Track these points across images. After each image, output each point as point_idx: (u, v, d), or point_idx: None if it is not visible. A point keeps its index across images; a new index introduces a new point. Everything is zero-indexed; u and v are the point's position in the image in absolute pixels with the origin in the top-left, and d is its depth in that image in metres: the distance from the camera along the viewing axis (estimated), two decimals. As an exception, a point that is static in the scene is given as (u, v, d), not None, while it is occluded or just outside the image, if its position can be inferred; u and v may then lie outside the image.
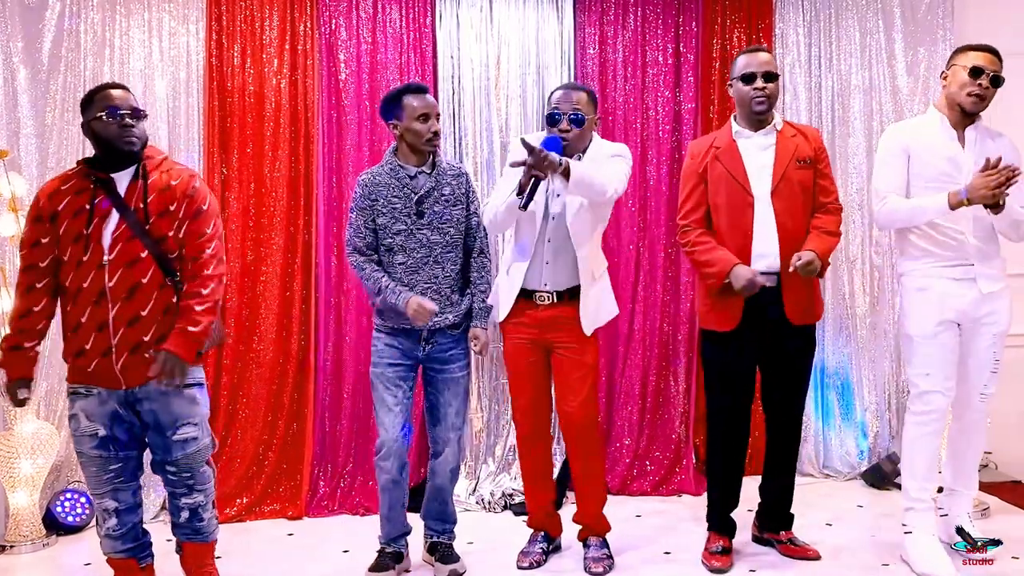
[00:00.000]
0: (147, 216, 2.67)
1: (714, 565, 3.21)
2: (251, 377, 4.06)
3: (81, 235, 2.63)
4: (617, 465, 4.23)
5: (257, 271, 4.08)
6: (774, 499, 3.38)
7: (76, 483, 3.82)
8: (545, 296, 3.15)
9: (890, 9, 4.50)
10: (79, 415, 2.70)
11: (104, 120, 2.66)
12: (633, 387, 4.34)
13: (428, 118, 3.06)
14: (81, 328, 2.64)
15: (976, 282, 3.12)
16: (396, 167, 3.10)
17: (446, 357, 3.16)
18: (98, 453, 2.70)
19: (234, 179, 4.06)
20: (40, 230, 2.68)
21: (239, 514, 3.89)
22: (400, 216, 3.07)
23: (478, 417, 4.25)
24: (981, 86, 3.08)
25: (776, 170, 3.12)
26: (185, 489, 2.80)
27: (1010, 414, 4.34)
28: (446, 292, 3.12)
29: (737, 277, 3.03)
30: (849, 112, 4.49)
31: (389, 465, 3.09)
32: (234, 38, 4.07)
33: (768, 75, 3.13)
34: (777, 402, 3.29)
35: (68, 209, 2.66)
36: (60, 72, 3.92)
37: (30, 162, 3.88)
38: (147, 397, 2.68)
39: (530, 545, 3.34)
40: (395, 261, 3.09)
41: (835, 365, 4.48)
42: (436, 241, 3.10)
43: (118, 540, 2.77)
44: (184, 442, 2.73)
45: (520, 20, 4.29)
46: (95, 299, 2.62)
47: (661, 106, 4.38)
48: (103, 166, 2.71)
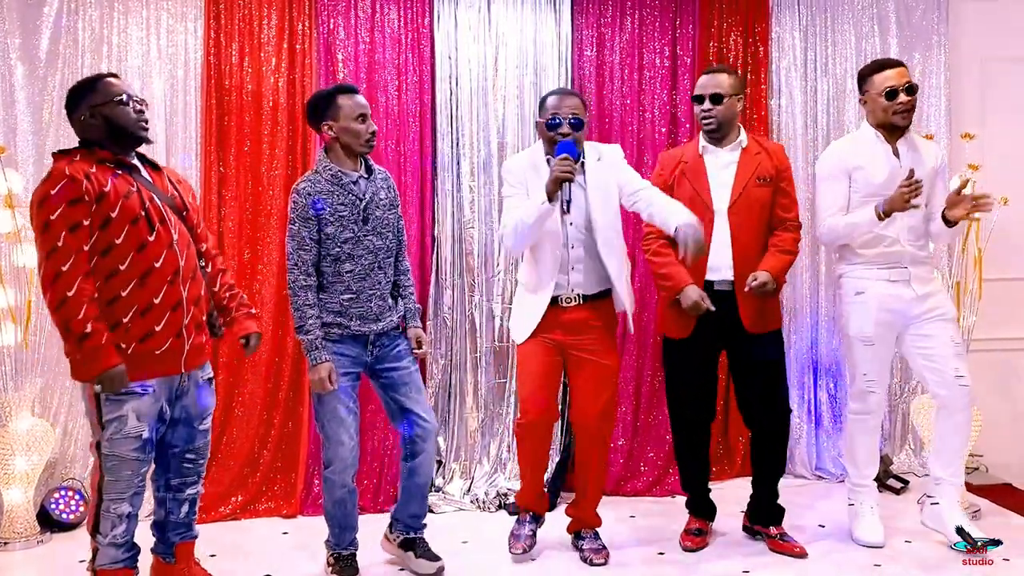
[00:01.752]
0: (184, 204, 2.76)
1: (686, 544, 3.43)
2: (247, 375, 4.06)
3: (139, 216, 2.57)
4: (611, 466, 4.22)
5: (254, 269, 4.08)
6: (763, 496, 3.46)
7: (70, 480, 3.82)
8: (572, 299, 3.20)
9: (885, 14, 4.53)
10: (128, 416, 2.58)
11: (119, 105, 2.62)
12: (628, 388, 4.35)
13: (366, 118, 3.04)
14: (154, 309, 2.59)
15: (910, 283, 3.32)
16: (337, 173, 3.02)
17: (396, 354, 3.15)
18: (136, 456, 2.62)
19: (231, 177, 4.06)
20: (81, 211, 2.49)
21: (234, 512, 3.89)
22: (348, 224, 3.02)
23: (473, 417, 4.26)
24: (902, 103, 3.29)
25: (735, 187, 3.29)
26: (195, 478, 2.87)
27: (1000, 417, 4.39)
28: (386, 296, 3.14)
29: (686, 297, 3.22)
30: (844, 116, 4.51)
31: (344, 478, 3.06)
32: (232, 37, 4.07)
33: (715, 97, 3.28)
34: (756, 405, 3.36)
35: (115, 190, 2.55)
36: (58, 69, 3.92)
37: (27, 159, 3.88)
38: (185, 392, 2.74)
39: (520, 527, 3.38)
40: (343, 270, 3.03)
41: (827, 367, 4.50)
42: (380, 246, 3.09)
43: (121, 548, 2.68)
44: (206, 432, 2.86)
45: (518, 21, 4.30)
46: (170, 278, 2.62)
47: (657, 108, 4.40)
48: (113, 153, 2.63)
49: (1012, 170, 4.20)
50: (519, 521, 3.41)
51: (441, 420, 4.24)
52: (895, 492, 4.13)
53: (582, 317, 3.21)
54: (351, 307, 3.05)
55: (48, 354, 3.76)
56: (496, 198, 4.26)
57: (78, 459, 3.92)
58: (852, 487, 3.54)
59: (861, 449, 3.48)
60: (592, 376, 3.23)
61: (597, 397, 3.22)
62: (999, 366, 4.44)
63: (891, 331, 3.37)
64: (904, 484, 4.18)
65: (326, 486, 3.10)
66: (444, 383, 4.27)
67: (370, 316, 3.07)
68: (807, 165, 4.46)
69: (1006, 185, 3.80)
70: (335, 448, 3.04)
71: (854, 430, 3.49)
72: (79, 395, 3.85)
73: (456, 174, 4.24)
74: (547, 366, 3.22)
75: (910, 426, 4.47)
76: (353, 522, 3.17)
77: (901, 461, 4.49)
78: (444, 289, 4.25)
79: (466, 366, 4.27)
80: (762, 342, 3.32)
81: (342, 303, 3.04)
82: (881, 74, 3.31)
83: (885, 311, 3.33)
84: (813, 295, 4.50)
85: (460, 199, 4.24)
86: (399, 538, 3.29)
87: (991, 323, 4.20)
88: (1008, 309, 3.70)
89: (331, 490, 3.09)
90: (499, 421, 4.25)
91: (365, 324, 3.06)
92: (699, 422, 3.45)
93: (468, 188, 4.22)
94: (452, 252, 4.25)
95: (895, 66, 3.32)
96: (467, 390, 4.25)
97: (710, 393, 3.44)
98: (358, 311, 3.05)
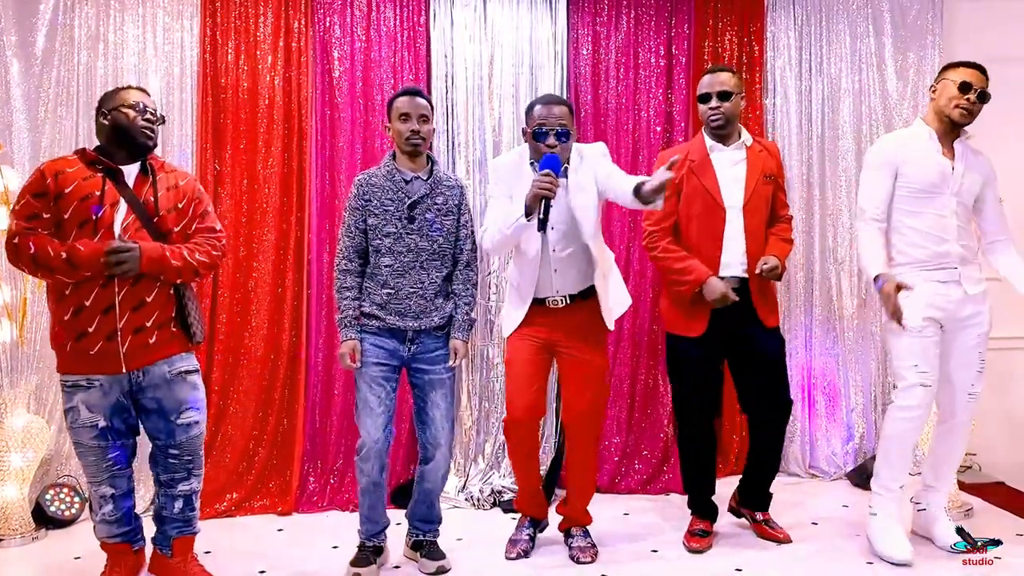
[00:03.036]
0: (156, 209, 2.80)
1: (692, 546, 3.39)
2: (242, 373, 4.07)
3: (89, 220, 2.68)
4: (605, 463, 4.26)
5: (249, 267, 4.08)
6: (757, 482, 3.50)
7: (66, 477, 3.82)
8: (558, 300, 3.20)
9: (880, 14, 4.55)
10: (79, 407, 2.75)
11: (127, 111, 2.78)
12: (622, 386, 4.37)
13: (408, 118, 3.09)
14: (85, 311, 2.69)
15: (960, 283, 3.25)
16: (393, 170, 3.14)
17: (432, 358, 3.17)
18: (97, 443, 2.79)
19: (227, 175, 4.07)
20: (42, 205, 2.68)
21: (229, 509, 3.90)
22: (391, 218, 3.10)
23: (468, 416, 4.27)
24: (969, 100, 3.23)
25: (748, 184, 3.31)
26: (185, 474, 2.90)
27: (994, 416, 4.41)
28: (430, 296, 3.14)
29: (711, 290, 3.22)
30: (839, 116, 4.53)
31: (370, 467, 3.09)
32: (228, 34, 4.07)
33: (722, 94, 3.29)
34: (762, 394, 3.37)
35: (75, 193, 2.69)
36: (53, 66, 3.92)
37: (22, 156, 3.88)
38: (151, 385, 2.79)
39: (518, 532, 3.39)
40: (382, 263, 3.11)
41: (822, 365, 4.52)
42: (424, 248, 3.12)
43: (113, 524, 2.87)
44: (187, 426, 2.87)
45: (514, 20, 4.31)
46: (102, 282, 2.69)
47: (653, 107, 4.41)
48: (110, 157, 2.79)
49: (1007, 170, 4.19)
50: (518, 527, 3.41)
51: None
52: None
53: (569, 316, 3.21)
54: (390, 302, 3.11)
55: (44, 351, 3.76)
56: (491, 197, 4.27)
57: (73, 456, 3.91)
58: (878, 491, 3.33)
59: (898, 449, 3.27)
60: (578, 374, 3.22)
61: (582, 395, 3.22)
62: (993, 365, 4.41)
63: (938, 328, 3.25)
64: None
65: (357, 473, 3.15)
66: (439, 381, 4.28)
67: (408, 313, 3.11)
68: (802, 164, 4.48)
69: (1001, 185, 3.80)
70: (362, 436, 3.10)
71: (896, 429, 3.26)
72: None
73: (453, 172, 4.25)
74: (533, 364, 3.22)
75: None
76: (377, 516, 3.19)
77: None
78: (439, 287, 4.25)
79: (461, 365, 4.27)
80: (767, 336, 3.34)
81: (383, 296, 3.11)
82: (965, 69, 3.26)
83: (933, 308, 3.22)
84: (808, 295, 4.51)
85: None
86: (411, 539, 3.34)
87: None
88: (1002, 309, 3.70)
89: (359, 478, 3.14)
90: (493, 419, 4.25)
91: (403, 320, 3.11)
92: (709, 422, 3.44)
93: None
94: (447, 250, 4.25)
95: (981, 71, 3.28)
96: (461, 388, 4.26)
97: (717, 391, 3.46)
98: (396, 307, 3.11)
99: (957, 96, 3.22)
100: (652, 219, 3.38)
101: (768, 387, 3.36)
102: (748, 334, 3.31)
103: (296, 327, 4.11)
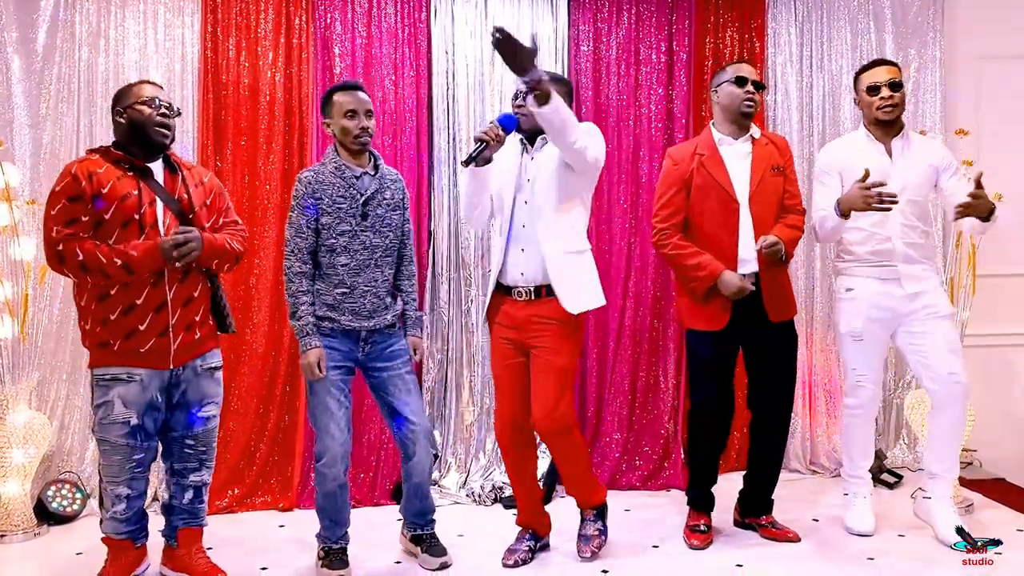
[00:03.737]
0: (192, 206, 2.84)
1: (693, 543, 3.37)
2: (243, 369, 4.07)
3: (132, 219, 2.70)
4: (606, 460, 4.27)
5: (250, 263, 4.08)
6: (759, 488, 3.48)
7: (67, 473, 3.82)
8: (522, 291, 3.11)
9: (881, 10, 4.55)
10: (114, 401, 2.74)
11: (142, 108, 2.77)
12: (623, 382, 4.37)
13: (355, 115, 3.04)
14: (136, 309, 2.71)
15: (900, 282, 3.35)
16: (341, 166, 3.07)
17: (388, 354, 3.15)
18: (126, 442, 2.78)
19: (228, 171, 4.07)
20: (79, 208, 2.68)
21: (230, 505, 3.90)
22: (345, 217, 3.05)
23: (469, 411, 4.27)
24: (883, 98, 3.37)
25: (753, 177, 3.29)
26: (197, 464, 2.96)
27: (994, 412, 4.41)
28: (382, 295, 3.14)
29: (727, 283, 3.21)
30: (840, 112, 4.53)
31: (335, 471, 3.05)
32: (229, 31, 4.07)
33: (756, 84, 3.34)
34: (766, 394, 3.37)
35: (112, 193, 2.70)
36: (55, 63, 3.92)
37: (24, 153, 3.88)
38: (185, 379, 2.85)
39: (517, 543, 3.33)
40: (337, 263, 3.06)
41: (822, 362, 4.52)
42: (377, 244, 3.11)
43: (122, 523, 2.89)
44: (207, 419, 2.94)
45: (515, 16, 4.31)
46: (153, 280, 2.73)
47: (654, 104, 4.41)
48: (133, 156, 2.79)
49: (1006, 166, 4.21)
50: (518, 538, 3.34)
51: (437, 414, 4.26)
52: (889, 487, 4.15)
53: (533, 313, 3.09)
54: (344, 301, 3.06)
55: (45, 347, 3.77)
56: (492, 193, 4.27)
57: (75, 452, 3.93)
58: (847, 478, 3.61)
59: (855, 442, 3.55)
60: (539, 373, 3.08)
61: (543, 399, 3.04)
62: (993, 361, 4.46)
63: (883, 328, 3.41)
64: (898, 479, 4.20)
65: (317, 479, 3.10)
66: (440, 377, 4.29)
67: (363, 312, 3.09)
68: (803, 160, 4.47)
69: (1000, 181, 3.81)
70: (325, 441, 3.04)
71: (848, 423, 3.55)
72: (76, 388, 3.90)
73: (452, 169, 4.25)
74: (511, 371, 3.16)
75: (904, 421, 4.50)
76: (343, 516, 3.18)
77: (895, 456, 4.51)
78: (440, 284, 4.26)
79: (462, 360, 4.28)
80: (775, 333, 3.33)
81: (336, 297, 3.06)
82: (867, 72, 3.44)
83: (875, 308, 3.38)
84: (808, 291, 4.52)
85: (456, 194, 4.24)
86: (409, 534, 3.34)
87: (985, 319, 4.22)
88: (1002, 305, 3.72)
89: (322, 483, 3.09)
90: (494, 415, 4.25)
91: (357, 320, 3.07)
92: (725, 417, 3.43)
93: (464, 183, 4.22)
94: (448, 247, 4.26)
95: (881, 64, 3.44)
96: (463, 384, 4.27)
97: (732, 387, 3.42)
98: (351, 306, 3.07)
99: (871, 100, 3.39)
100: (661, 216, 3.34)
101: (772, 386, 3.35)
102: (759, 330, 3.30)
103: (297, 323, 4.11)
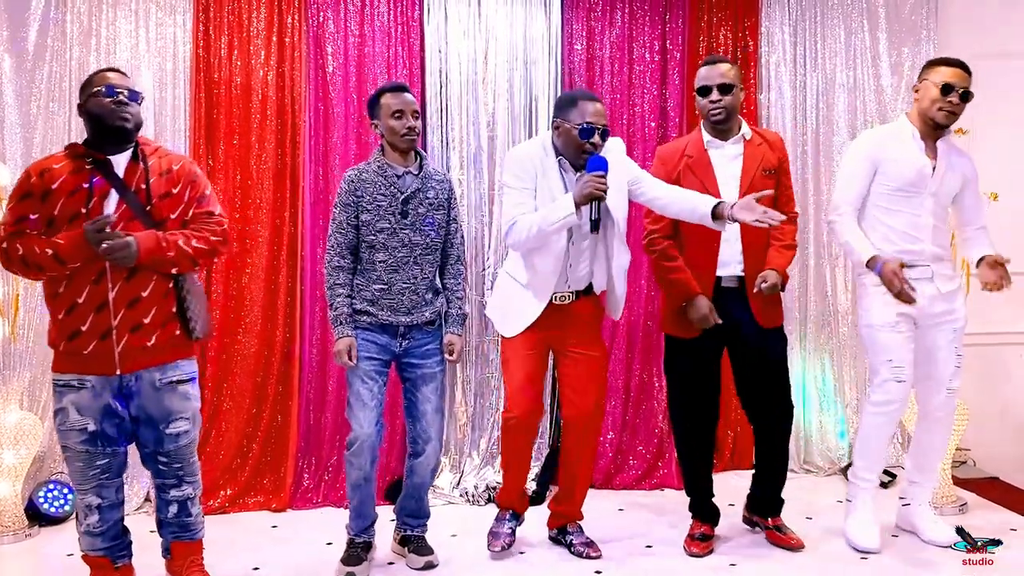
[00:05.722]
0: (148, 197, 2.68)
1: (692, 551, 3.34)
2: (236, 369, 4.06)
3: (79, 214, 2.59)
4: (600, 459, 4.25)
5: (242, 263, 4.07)
6: (766, 487, 3.43)
7: (59, 474, 3.81)
8: (566, 296, 3.18)
9: (875, 9, 4.54)
10: (68, 408, 2.63)
11: (99, 97, 2.66)
12: (617, 382, 4.36)
13: (402, 115, 3.08)
14: (77, 308, 2.59)
15: (933, 281, 3.25)
16: (383, 165, 3.13)
17: (423, 352, 3.18)
18: (85, 448, 2.65)
19: (220, 171, 4.05)
20: (29, 206, 2.61)
21: (223, 506, 3.89)
22: (384, 214, 3.09)
23: (463, 411, 4.26)
24: (951, 102, 3.18)
25: (743, 180, 3.23)
26: (175, 480, 2.80)
27: (988, 411, 4.41)
28: (422, 292, 3.15)
29: (696, 309, 3.19)
30: (833, 111, 4.53)
31: (362, 461, 3.08)
32: (221, 29, 4.06)
33: (723, 87, 3.20)
34: (762, 401, 3.33)
35: (63, 188, 2.61)
36: (46, 62, 3.90)
37: (14, 152, 3.86)
38: (139, 392, 2.67)
39: (499, 525, 3.35)
40: (376, 259, 3.10)
41: (817, 361, 4.52)
42: (417, 242, 3.13)
43: (97, 538, 2.74)
44: (176, 435, 2.74)
45: (508, 15, 4.30)
46: (94, 278, 2.59)
47: (647, 103, 4.41)
48: (98, 148, 2.67)
49: (1001, 166, 4.21)
50: (498, 519, 3.38)
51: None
52: (882, 486, 4.14)
53: (570, 311, 3.19)
54: (382, 297, 3.10)
55: (36, 347, 3.75)
56: (486, 192, 4.26)
57: (67, 453, 3.91)
58: (853, 482, 3.43)
59: (875, 442, 3.34)
60: (583, 369, 3.21)
61: (588, 390, 3.20)
62: (987, 360, 4.46)
63: (911, 324, 3.27)
64: (891, 478, 4.21)
65: (346, 467, 3.13)
66: (434, 377, 4.28)
67: (401, 309, 3.11)
68: (796, 160, 4.46)
69: (995, 181, 3.81)
70: (355, 430, 3.08)
71: (873, 422, 3.32)
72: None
73: (446, 168, 4.24)
74: (534, 361, 3.20)
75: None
76: (367, 510, 3.19)
77: (888, 455, 4.50)
78: (434, 283, 4.25)
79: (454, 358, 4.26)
80: (768, 338, 3.28)
81: (374, 292, 3.10)
82: (947, 68, 3.21)
83: (907, 305, 3.21)
84: (802, 290, 4.51)
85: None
86: (399, 534, 3.34)
87: (980, 317, 4.19)
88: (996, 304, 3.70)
89: (349, 472, 3.12)
90: (488, 415, 4.25)
91: (395, 315, 3.11)
92: (706, 424, 3.38)
93: (458, 182, 4.22)
94: (442, 246, 4.25)
95: (962, 68, 3.23)
96: (456, 384, 4.26)
97: (715, 392, 3.36)
98: (388, 302, 3.10)
99: (939, 99, 3.18)
100: (652, 217, 3.33)
101: (768, 391, 3.31)
102: (747, 335, 3.26)
103: (290, 323, 4.10)
